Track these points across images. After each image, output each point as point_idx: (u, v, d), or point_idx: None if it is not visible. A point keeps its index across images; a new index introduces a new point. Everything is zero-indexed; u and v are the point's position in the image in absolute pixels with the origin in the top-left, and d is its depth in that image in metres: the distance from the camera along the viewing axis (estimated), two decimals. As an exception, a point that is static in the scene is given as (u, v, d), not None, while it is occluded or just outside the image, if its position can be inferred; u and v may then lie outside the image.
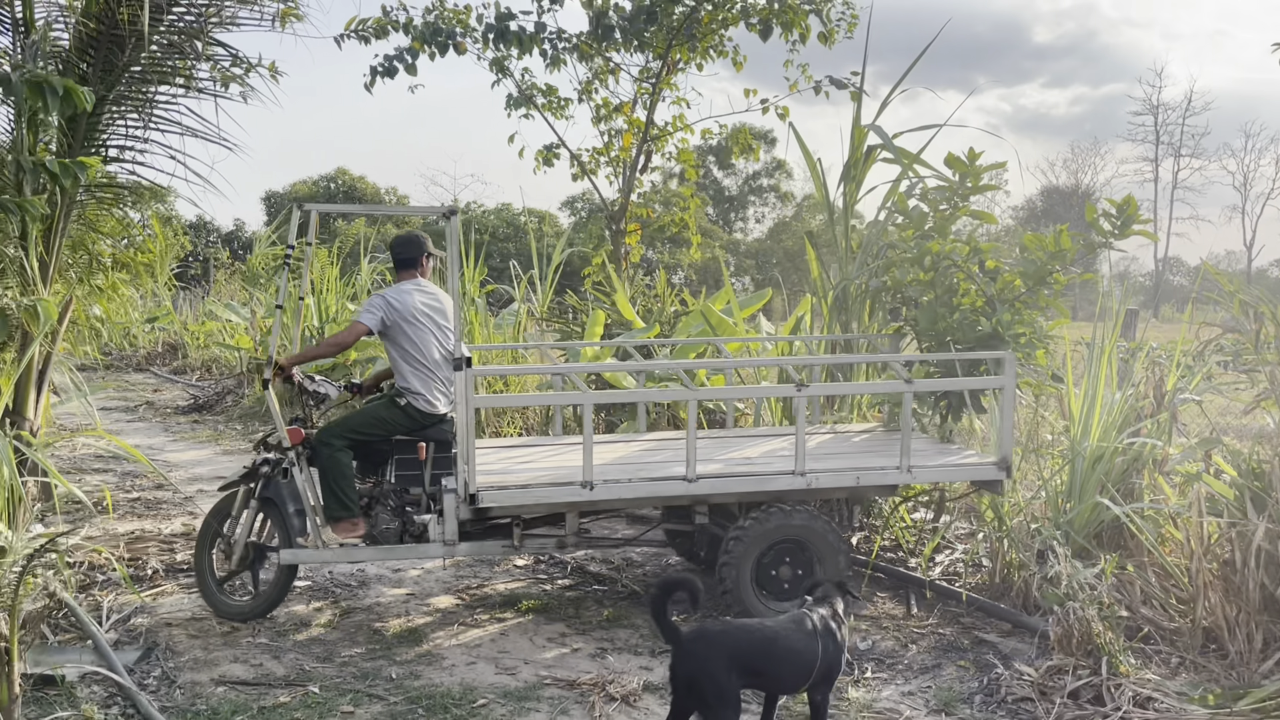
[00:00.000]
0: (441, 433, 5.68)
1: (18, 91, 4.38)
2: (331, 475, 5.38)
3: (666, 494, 5.40)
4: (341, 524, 5.41)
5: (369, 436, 5.53)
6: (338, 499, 5.38)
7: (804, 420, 5.44)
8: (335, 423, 5.54)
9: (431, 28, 9.94)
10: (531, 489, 5.24)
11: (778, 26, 9.86)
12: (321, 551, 5.45)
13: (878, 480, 5.59)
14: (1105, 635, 4.67)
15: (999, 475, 5.70)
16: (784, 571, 5.47)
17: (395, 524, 5.52)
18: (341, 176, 38.11)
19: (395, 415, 5.58)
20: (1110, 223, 6.57)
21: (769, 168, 45.83)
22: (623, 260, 11.02)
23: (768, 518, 5.40)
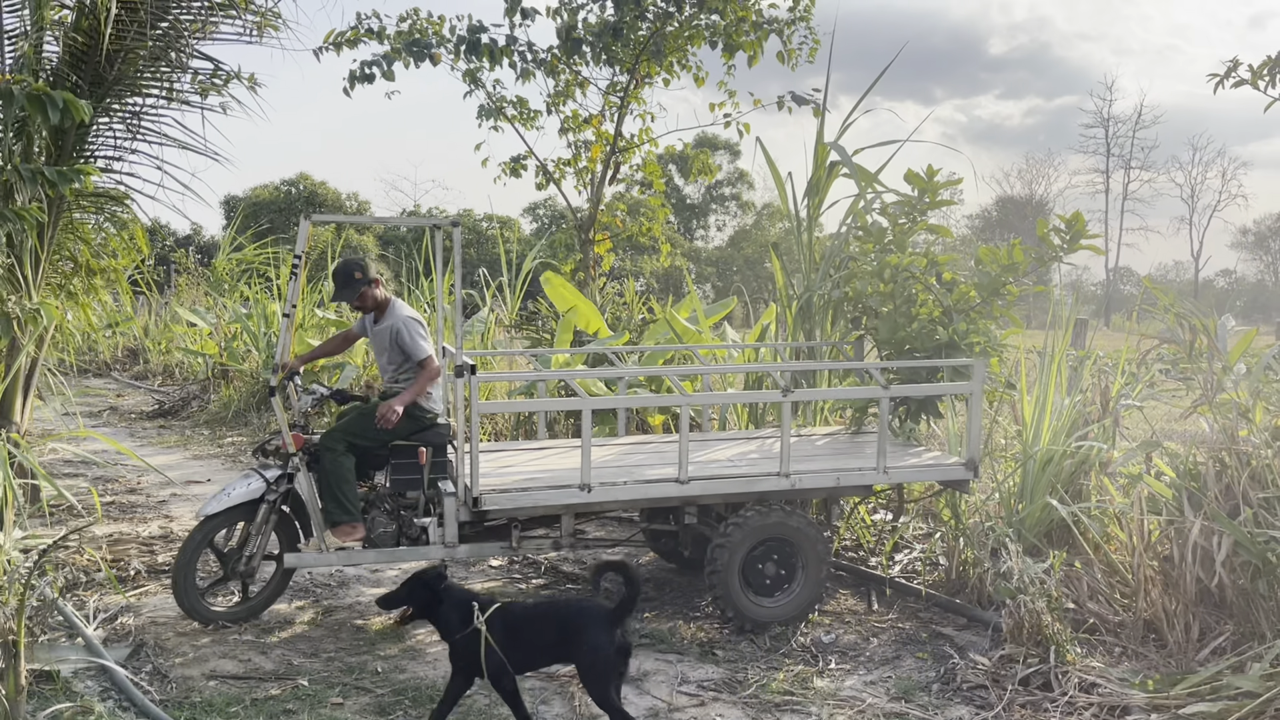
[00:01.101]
0: (439, 436, 5.81)
1: (18, 104, 4.52)
2: (333, 479, 5.47)
3: (659, 495, 5.62)
4: (341, 528, 5.51)
5: (370, 441, 5.62)
6: (339, 503, 5.48)
7: (789, 424, 5.70)
8: (337, 427, 5.63)
9: (408, 37, 10.14)
10: (531, 492, 5.43)
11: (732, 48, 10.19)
12: (324, 555, 5.54)
13: (856, 480, 5.89)
14: (1054, 626, 4.99)
15: (967, 475, 6.03)
16: (769, 569, 5.71)
17: (392, 527, 5.63)
18: (303, 181, 37.92)
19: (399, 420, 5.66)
20: (1060, 237, 6.92)
21: (731, 177, 46.35)
22: (591, 268, 11.25)
23: (755, 517, 5.63)
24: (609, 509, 5.97)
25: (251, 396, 13.03)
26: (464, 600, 4.20)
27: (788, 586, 5.74)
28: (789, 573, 5.73)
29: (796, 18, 10.52)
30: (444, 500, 5.50)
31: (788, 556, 5.73)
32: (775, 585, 5.71)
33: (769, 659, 5.31)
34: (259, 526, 5.51)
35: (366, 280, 5.73)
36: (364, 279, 5.72)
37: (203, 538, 5.46)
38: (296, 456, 5.50)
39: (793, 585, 5.74)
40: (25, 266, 5.58)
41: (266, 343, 13.69)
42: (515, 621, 4.19)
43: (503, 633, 4.11)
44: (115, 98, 6.18)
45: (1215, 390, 5.55)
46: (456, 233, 5.50)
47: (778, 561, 5.71)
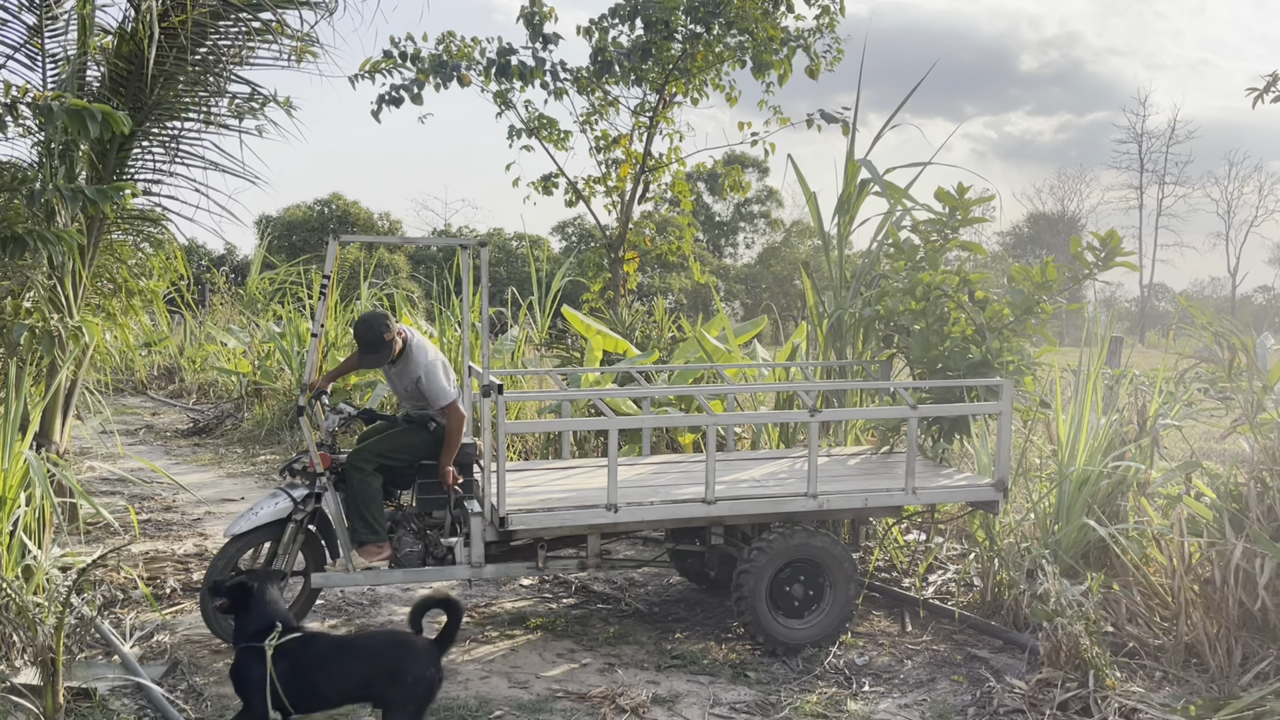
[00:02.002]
0: (465, 455, 5.81)
1: (58, 119, 4.60)
2: (361, 499, 5.48)
3: (686, 516, 5.59)
4: (368, 547, 5.52)
5: (397, 461, 5.64)
6: (366, 522, 5.49)
7: (816, 445, 5.67)
8: (365, 447, 5.63)
9: (437, 60, 10.26)
10: (557, 512, 5.41)
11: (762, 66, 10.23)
12: (351, 575, 5.53)
13: (885, 501, 5.84)
14: (1092, 650, 4.91)
15: (996, 496, 5.97)
16: (796, 590, 5.67)
17: (419, 547, 5.64)
18: (336, 201, 38.31)
19: (425, 439, 5.70)
20: (1094, 255, 6.86)
21: (760, 195, 46.31)
22: (621, 287, 11.28)
23: (780, 539, 5.60)
24: (636, 529, 5.94)
25: (284, 415, 13.14)
26: (267, 619, 4.06)
27: (816, 608, 5.69)
28: (817, 594, 5.69)
29: (822, 25, 10.56)
30: (470, 520, 5.51)
31: (815, 578, 5.68)
32: (804, 607, 5.67)
33: (801, 681, 5.26)
34: (286, 546, 5.52)
35: (393, 339, 5.57)
36: (391, 339, 5.55)
37: (230, 557, 5.45)
38: (324, 476, 5.52)
39: (821, 607, 5.69)
40: (66, 287, 5.67)
41: (299, 362, 13.81)
42: (322, 653, 4.09)
43: (305, 665, 3.99)
44: (155, 121, 6.29)
45: (1256, 410, 5.46)
46: (484, 252, 5.52)
47: (805, 583, 5.67)
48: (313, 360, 5.49)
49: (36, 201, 4.77)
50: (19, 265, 5.44)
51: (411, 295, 18.04)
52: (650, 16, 10.03)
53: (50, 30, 6.29)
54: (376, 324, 5.53)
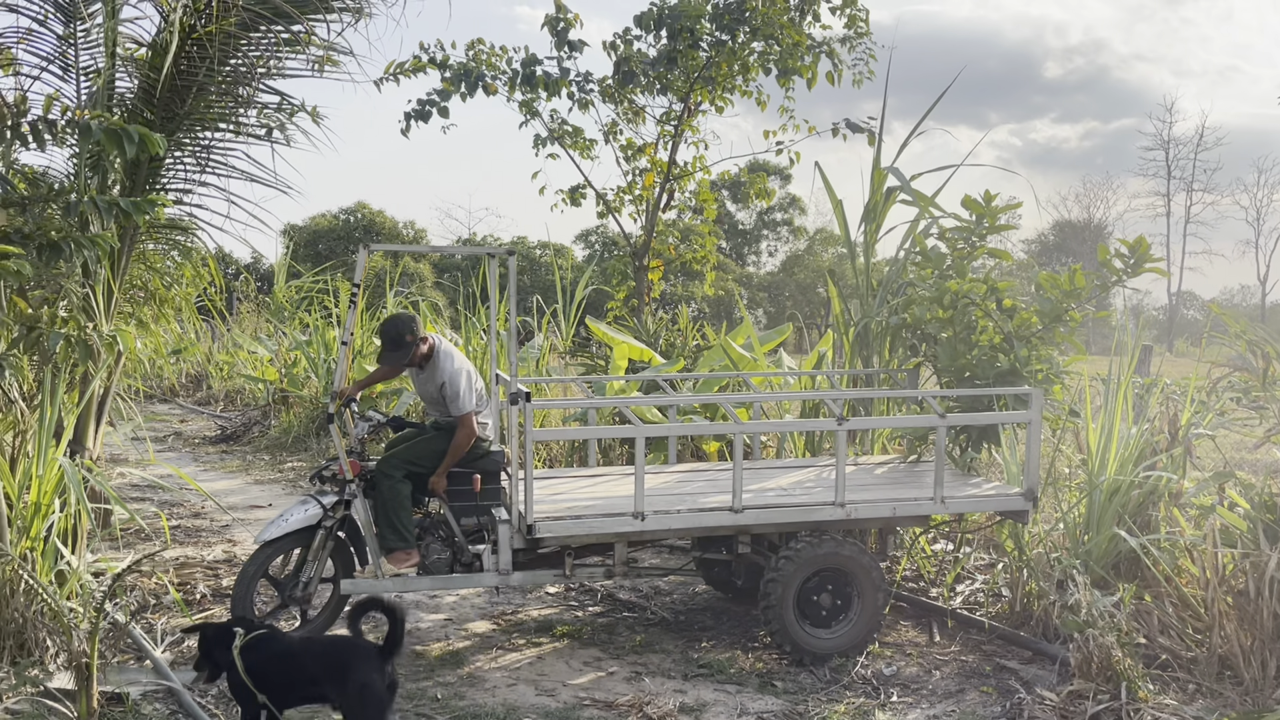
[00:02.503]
0: (493, 463, 5.86)
1: (95, 137, 4.67)
2: (391, 506, 5.51)
3: (713, 524, 5.58)
4: (396, 554, 5.55)
5: (426, 468, 5.66)
6: (395, 530, 5.52)
7: (844, 454, 5.65)
8: (395, 454, 5.66)
9: (463, 68, 10.32)
10: (585, 519, 5.42)
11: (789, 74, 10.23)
12: (380, 581, 5.55)
13: (913, 511, 5.81)
14: (1124, 662, 4.86)
15: (1025, 505, 5.93)
16: (824, 600, 5.64)
17: (446, 554, 5.68)
18: (361, 210, 38.57)
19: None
20: (1123, 262, 6.81)
21: (783, 203, 46.25)
22: (645, 295, 11.30)
23: (808, 548, 5.57)
24: (662, 537, 5.93)
25: (311, 422, 13.24)
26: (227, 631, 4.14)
27: (844, 617, 5.66)
28: (845, 604, 5.66)
29: (855, 34, 10.54)
30: (498, 528, 5.52)
31: (843, 587, 5.66)
32: (831, 616, 5.64)
33: (829, 691, 5.24)
34: (316, 552, 5.55)
35: (416, 341, 5.69)
36: (414, 340, 5.67)
37: (261, 564, 5.50)
38: (353, 483, 5.55)
39: (849, 616, 5.66)
40: (99, 295, 5.74)
41: (326, 369, 13.91)
42: (277, 653, 4.14)
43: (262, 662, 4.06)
44: (186, 132, 6.37)
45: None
46: (512, 261, 5.53)
47: (833, 592, 5.64)
48: (341, 368, 5.52)
49: (73, 213, 4.84)
50: (54, 273, 5.51)
51: (436, 304, 18.14)
52: (675, 25, 10.05)
53: (83, 43, 6.38)
54: (401, 324, 5.67)
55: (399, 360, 5.71)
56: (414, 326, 5.68)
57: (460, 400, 5.66)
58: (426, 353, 5.81)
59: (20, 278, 4.46)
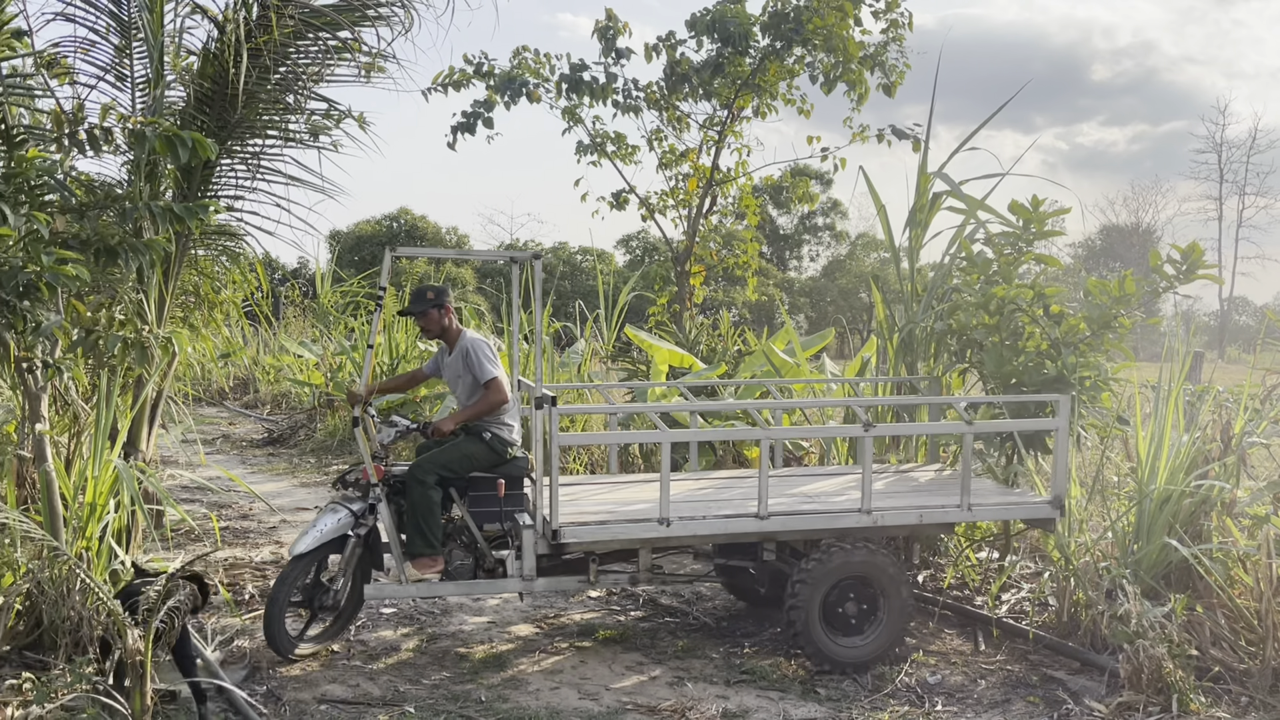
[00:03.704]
0: (517, 469, 5.82)
1: (150, 144, 4.77)
2: (421, 511, 5.48)
3: (739, 530, 5.56)
4: (422, 560, 5.51)
5: (456, 474, 5.65)
6: (424, 535, 5.49)
7: (870, 459, 5.62)
8: (427, 459, 5.62)
9: (506, 77, 10.42)
10: (610, 525, 5.41)
11: (842, 84, 10.20)
12: (405, 587, 5.55)
13: (939, 518, 5.78)
14: (1175, 674, 4.78)
15: (1053, 513, 5.90)
16: (850, 608, 5.61)
17: (470, 560, 5.66)
18: (404, 216, 38.99)
19: (481, 450, 5.71)
20: (1175, 268, 6.71)
21: (825, 207, 46.04)
22: (687, 301, 11.31)
23: (837, 554, 5.54)
24: (687, 544, 5.88)
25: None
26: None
27: (870, 626, 5.61)
28: (871, 612, 5.61)
29: (890, 38, 10.50)
30: (522, 533, 5.49)
31: (869, 595, 5.61)
32: (857, 625, 5.59)
33: (873, 699, 5.20)
34: (348, 560, 5.53)
35: (438, 303, 5.77)
36: (435, 301, 5.76)
37: (296, 576, 5.44)
38: (378, 488, 5.52)
39: (875, 625, 5.61)
40: (153, 300, 5.86)
41: (372, 374, 14.07)
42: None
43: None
44: (237, 139, 6.48)
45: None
46: (537, 265, 5.54)
47: (859, 600, 5.59)
48: (367, 372, 5.56)
49: (129, 219, 4.95)
50: (109, 278, 5.64)
51: (479, 308, 18.27)
52: (727, 31, 10.07)
53: (138, 53, 6.52)
54: (430, 287, 5.83)
55: (414, 310, 5.75)
56: (440, 289, 5.80)
57: (486, 365, 5.68)
58: (451, 330, 5.86)
59: (78, 282, 4.56)
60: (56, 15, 6.16)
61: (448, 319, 5.83)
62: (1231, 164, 53.54)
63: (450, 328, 5.87)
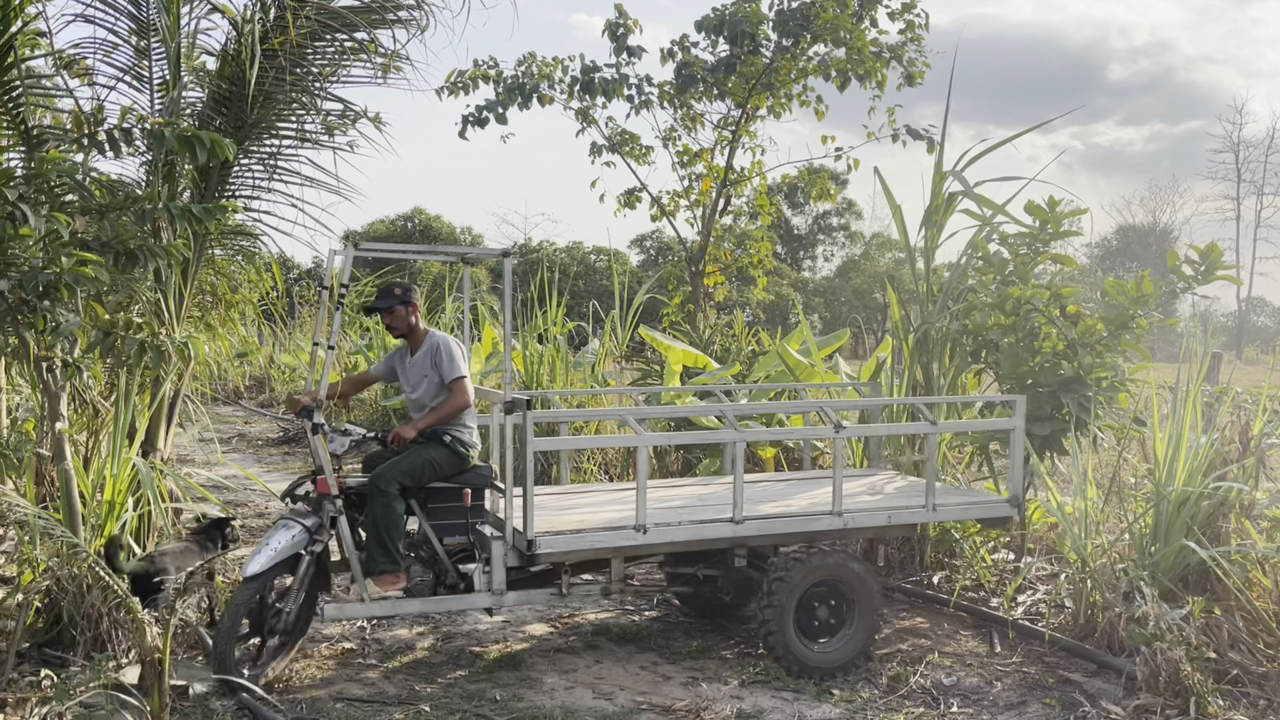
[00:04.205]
0: (480, 477, 5.49)
1: (168, 145, 4.81)
2: (384, 524, 5.08)
3: (714, 536, 5.45)
4: (384, 577, 5.13)
5: (418, 481, 5.27)
6: (386, 550, 5.09)
7: (841, 462, 5.61)
8: (389, 467, 5.18)
9: (517, 82, 10.45)
10: (586, 534, 5.21)
11: (855, 79, 10.17)
12: (368, 605, 5.17)
13: (906, 519, 5.85)
14: (1194, 676, 4.75)
15: (1010, 512, 6.07)
16: (822, 612, 5.54)
17: (429, 576, 5.31)
18: (418, 216, 39.11)
19: (443, 455, 5.35)
20: (1193, 268, 6.67)
21: (839, 207, 45.97)
22: (702, 300, 11.30)
23: (814, 555, 5.47)
24: (663, 551, 5.59)
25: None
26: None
27: (840, 632, 5.57)
28: (842, 616, 5.57)
29: (908, 39, 10.47)
30: (491, 545, 5.21)
31: (841, 599, 5.56)
32: (830, 629, 5.55)
33: (887, 700, 5.19)
34: (301, 580, 5.10)
35: (406, 300, 5.49)
36: (403, 298, 5.48)
37: (249, 599, 4.93)
38: (337, 500, 5.11)
39: (846, 629, 5.57)
40: (170, 300, 5.90)
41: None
42: None
43: None
44: (254, 140, 6.51)
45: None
46: (507, 263, 5.28)
47: (831, 605, 5.55)
48: (325, 376, 5.13)
49: (147, 220, 4.98)
50: (128, 279, 5.67)
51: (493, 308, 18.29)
52: (736, 30, 10.07)
53: (157, 55, 6.55)
54: (397, 283, 5.56)
55: (379, 306, 5.46)
56: (407, 286, 5.55)
57: (457, 364, 5.40)
58: (417, 329, 5.56)
59: (98, 284, 4.60)
60: (76, 17, 6.21)
61: (414, 317, 5.56)
62: (1249, 163, 53.39)
63: (417, 327, 5.59)
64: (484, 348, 12.58)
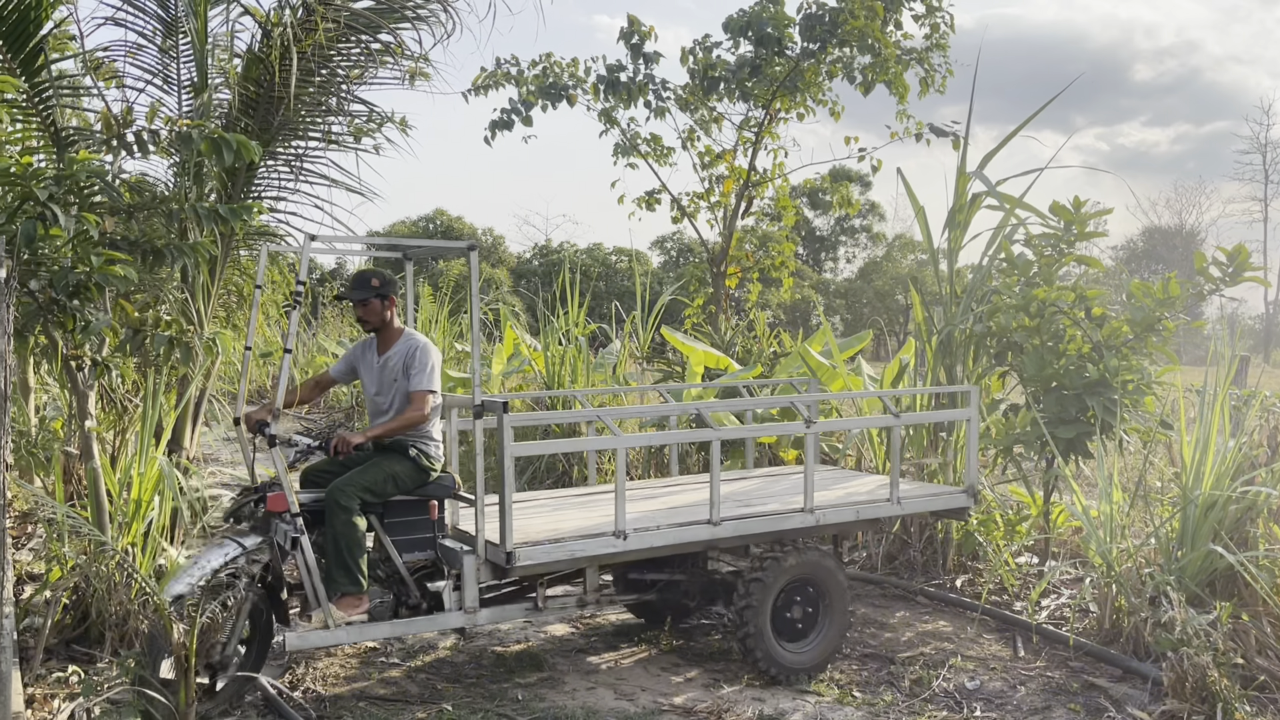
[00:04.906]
0: (442, 489, 5.09)
1: (196, 146, 4.85)
2: (346, 543, 4.65)
3: (691, 539, 5.31)
4: (347, 599, 4.69)
5: (379, 496, 4.87)
6: (349, 571, 4.67)
7: (813, 458, 5.56)
8: (348, 481, 4.77)
9: (543, 81, 10.48)
10: (565, 543, 4.95)
11: (880, 84, 10.15)
12: (332, 632, 4.66)
13: (873, 513, 5.85)
14: (1221, 682, 4.70)
15: (967, 502, 6.16)
16: (796, 612, 5.49)
17: (389, 597, 4.92)
18: (440, 217, 39.22)
19: (407, 469, 4.95)
20: (1220, 270, 6.61)
21: (863, 210, 45.80)
22: (723, 302, 11.29)
23: (790, 553, 5.42)
24: (643, 557, 5.34)
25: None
26: None
27: (814, 632, 5.53)
28: (815, 616, 5.54)
29: (933, 45, 10.43)
30: (461, 560, 4.86)
31: (815, 600, 5.53)
32: (804, 630, 5.51)
33: (910, 704, 5.17)
34: (237, 606, 4.56)
35: (383, 294, 5.04)
36: (380, 290, 5.03)
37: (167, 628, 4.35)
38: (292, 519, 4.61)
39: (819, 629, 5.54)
40: (198, 300, 5.96)
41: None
42: None
43: None
44: (281, 141, 6.57)
45: (1401, 434, 5.17)
46: (473, 257, 4.87)
47: (803, 604, 5.50)
48: (283, 381, 4.71)
49: (175, 220, 5.03)
50: (155, 279, 5.72)
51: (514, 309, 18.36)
52: (762, 32, 10.05)
53: (185, 57, 6.63)
54: (375, 272, 5.09)
55: (353, 297, 5.02)
56: (387, 278, 5.08)
57: (425, 375, 4.96)
58: (392, 326, 5.13)
59: (126, 283, 4.65)
60: (106, 20, 6.28)
61: (390, 312, 5.11)
62: (1277, 164, 52.56)
63: (391, 323, 5.14)
64: (506, 348, 12.62)
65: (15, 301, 4.07)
